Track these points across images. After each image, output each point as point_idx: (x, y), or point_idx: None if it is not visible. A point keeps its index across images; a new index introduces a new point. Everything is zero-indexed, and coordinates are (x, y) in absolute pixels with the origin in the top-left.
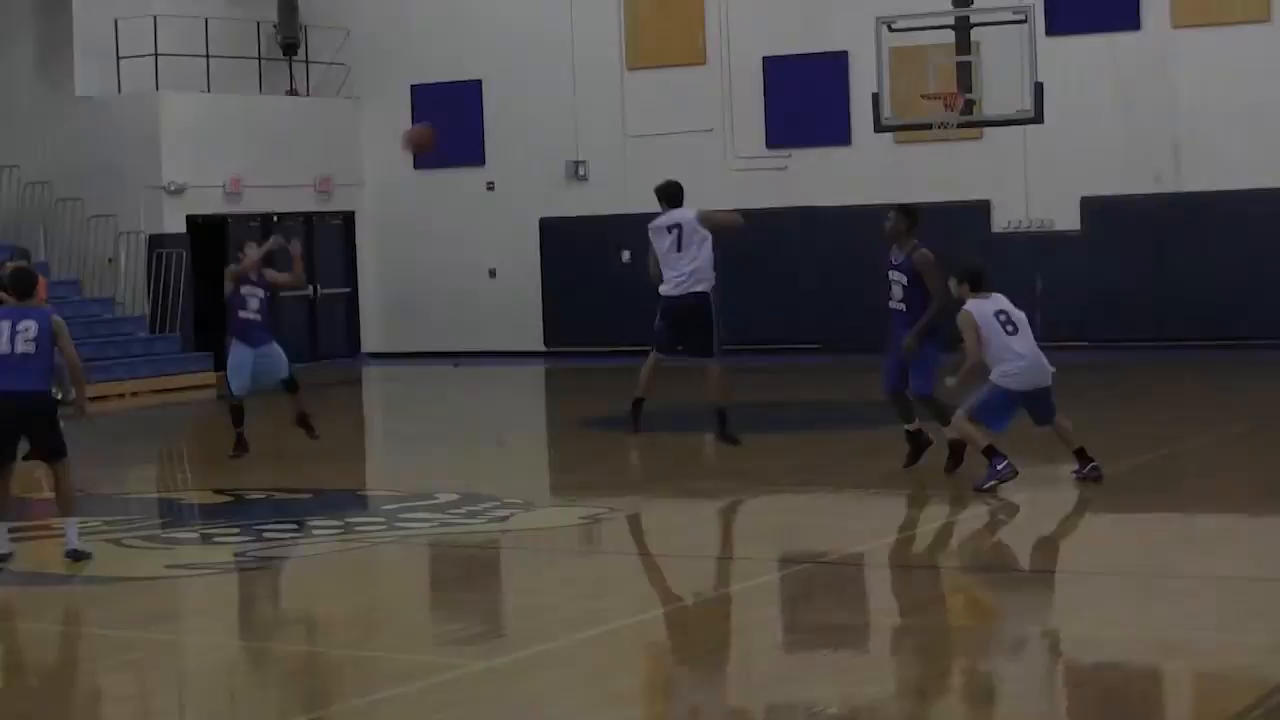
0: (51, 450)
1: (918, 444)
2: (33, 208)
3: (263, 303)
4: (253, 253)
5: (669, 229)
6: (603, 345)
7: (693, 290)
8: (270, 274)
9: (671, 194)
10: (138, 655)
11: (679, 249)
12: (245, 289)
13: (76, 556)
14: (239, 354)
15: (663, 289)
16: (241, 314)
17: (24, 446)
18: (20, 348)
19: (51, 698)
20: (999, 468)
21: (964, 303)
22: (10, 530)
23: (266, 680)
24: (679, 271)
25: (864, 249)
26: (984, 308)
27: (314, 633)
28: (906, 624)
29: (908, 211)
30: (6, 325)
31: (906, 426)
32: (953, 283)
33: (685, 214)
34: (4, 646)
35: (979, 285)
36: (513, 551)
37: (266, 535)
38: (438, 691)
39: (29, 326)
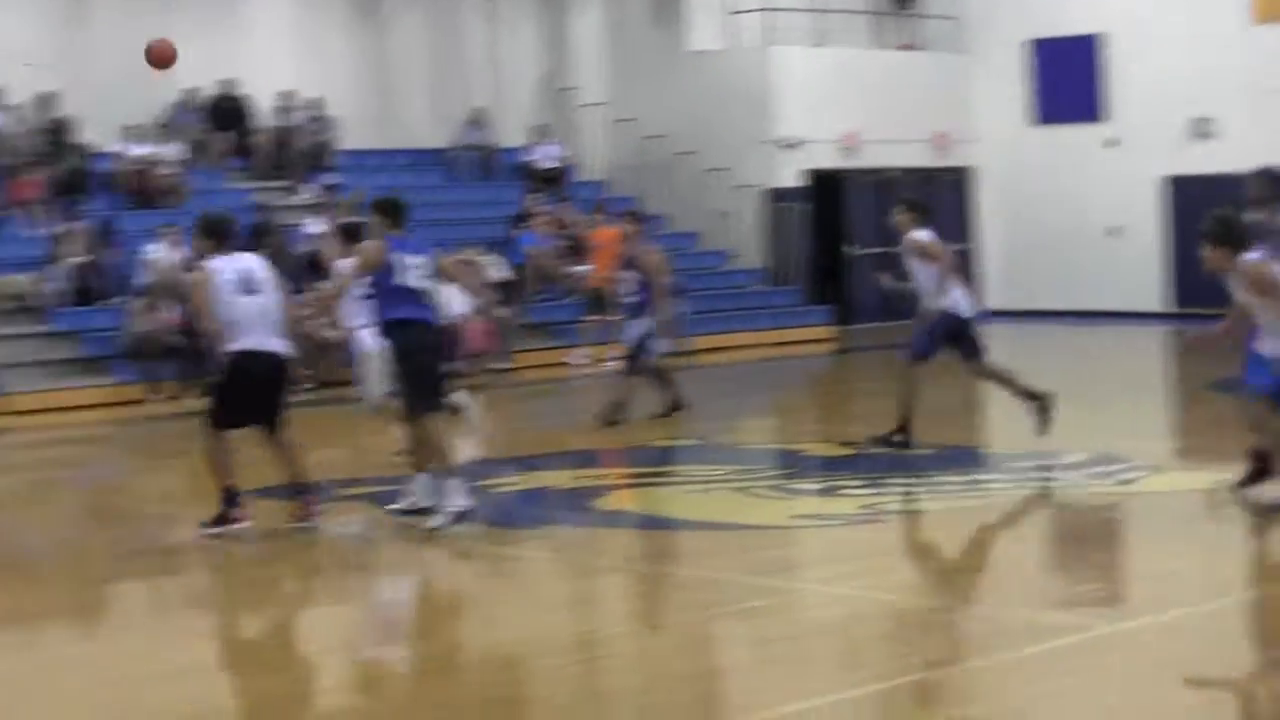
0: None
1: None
2: (652, 161)
3: None
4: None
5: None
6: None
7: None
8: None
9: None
10: (759, 603)
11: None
12: None
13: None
14: None
15: (944, 304)
16: None
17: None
18: (416, 282)
19: (672, 641)
20: None
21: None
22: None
23: (885, 634)
24: (963, 289)
25: None
26: None
27: (936, 588)
28: None
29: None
30: (399, 258)
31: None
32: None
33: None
34: (622, 589)
35: None
36: (1138, 514)
37: (890, 489)
38: (1064, 655)
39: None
